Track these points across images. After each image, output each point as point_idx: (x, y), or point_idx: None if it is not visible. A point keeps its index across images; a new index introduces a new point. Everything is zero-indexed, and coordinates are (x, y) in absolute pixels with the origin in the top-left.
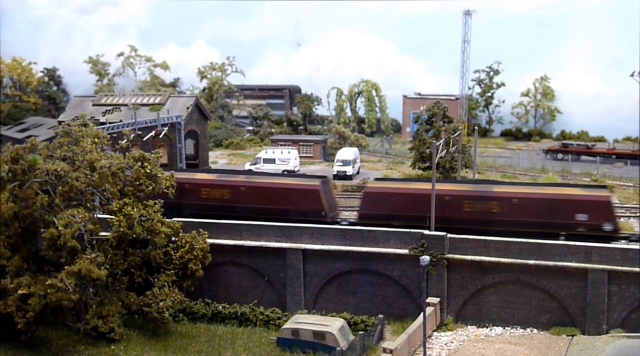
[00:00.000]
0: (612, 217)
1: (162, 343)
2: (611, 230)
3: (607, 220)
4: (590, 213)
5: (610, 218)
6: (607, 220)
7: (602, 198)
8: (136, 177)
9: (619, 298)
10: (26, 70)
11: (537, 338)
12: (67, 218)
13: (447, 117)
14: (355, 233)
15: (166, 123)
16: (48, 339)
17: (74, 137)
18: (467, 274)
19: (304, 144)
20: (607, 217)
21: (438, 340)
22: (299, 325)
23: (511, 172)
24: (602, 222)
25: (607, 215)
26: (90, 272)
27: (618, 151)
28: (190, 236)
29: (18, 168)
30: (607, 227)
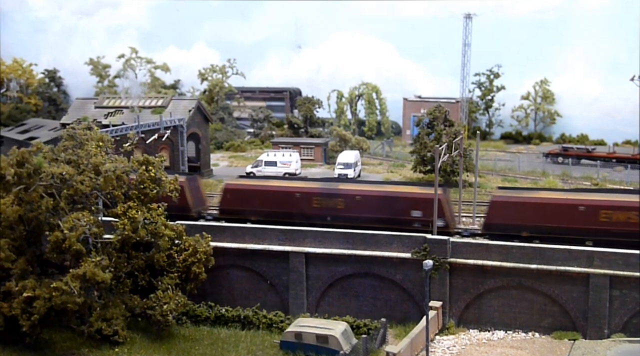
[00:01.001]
0: (443, 213)
1: (165, 346)
2: (443, 225)
3: (439, 216)
4: (424, 210)
5: (442, 215)
6: (439, 216)
7: (438, 197)
8: (140, 180)
9: (621, 302)
10: (27, 72)
11: (538, 342)
12: (72, 222)
13: (449, 121)
14: (358, 237)
15: (169, 126)
16: (52, 342)
17: (78, 141)
18: (469, 278)
19: (305, 147)
20: (439, 213)
21: (440, 344)
22: (302, 328)
23: (512, 176)
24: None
25: (439, 211)
26: (95, 275)
27: (618, 155)
28: (194, 239)
29: (23, 172)
30: (439, 223)
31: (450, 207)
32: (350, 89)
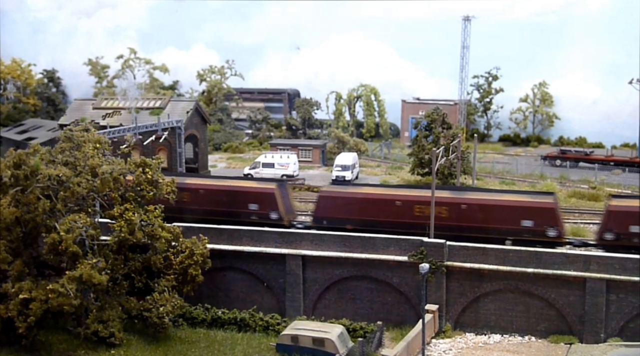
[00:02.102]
0: (276, 207)
1: (162, 348)
2: (276, 218)
3: (272, 209)
4: (260, 204)
5: (275, 208)
6: (272, 209)
7: (269, 190)
8: (137, 182)
9: (617, 307)
10: (25, 72)
11: (535, 346)
12: (69, 224)
13: (447, 123)
14: (355, 240)
15: (166, 127)
16: (49, 343)
17: (75, 142)
18: (466, 281)
19: (303, 149)
20: (273, 206)
21: (437, 347)
22: (298, 331)
23: (510, 178)
24: (268, 211)
25: (273, 205)
26: (91, 277)
27: (616, 158)
28: (191, 241)
29: (20, 174)
30: (273, 216)
31: (286, 200)
32: (348, 91)
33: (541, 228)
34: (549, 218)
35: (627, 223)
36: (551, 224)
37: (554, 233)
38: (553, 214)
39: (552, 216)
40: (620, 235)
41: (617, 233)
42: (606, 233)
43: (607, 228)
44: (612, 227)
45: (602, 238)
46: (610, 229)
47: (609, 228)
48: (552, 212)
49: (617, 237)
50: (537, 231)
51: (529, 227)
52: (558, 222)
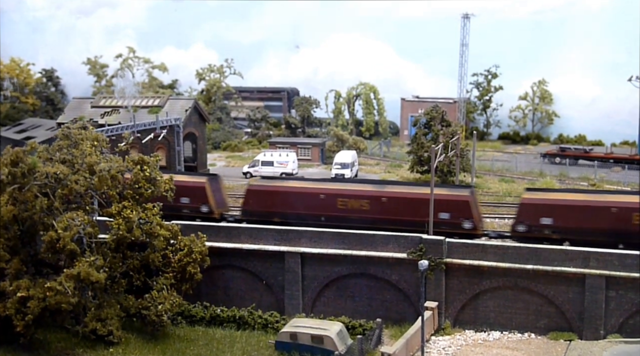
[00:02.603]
0: (206, 200)
1: (160, 346)
2: (207, 212)
3: (203, 202)
4: (191, 197)
5: (205, 202)
6: (203, 202)
7: (200, 184)
8: (135, 180)
9: (617, 303)
10: (24, 71)
11: (534, 343)
12: (67, 221)
13: (446, 121)
14: (354, 237)
15: (165, 125)
16: (47, 342)
17: (73, 140)
18: (465, 278)
19: (302, 147)
20: (203, 200)
21: (436, 345)
22: (297, 328)
23: (509, 176)
24: (200, 204)
25: (204, 198)
26: (89, 275)
27: (616, 155)
28: (189, 239)
29: (18, 171)
30: (203, 209)
31: (217, 194)
32: (348, 89)
33: (457, 220)
34: (464, 211)
35: (538, 215)
36: (466, 216)
37: (469, 225)
38: (468, 207)
39: (467, 209)
40: (532, 226)
41: (529, 225)
42: (519, 225)
43: (520, 220)
44: (524, 219)
45: (515, 230)
46: (522, 221)
47: (521, 220)
48: (467, 205)
49: (529, 229)
50: (453, 223)
51: (445, 219)
52: (473, 214)
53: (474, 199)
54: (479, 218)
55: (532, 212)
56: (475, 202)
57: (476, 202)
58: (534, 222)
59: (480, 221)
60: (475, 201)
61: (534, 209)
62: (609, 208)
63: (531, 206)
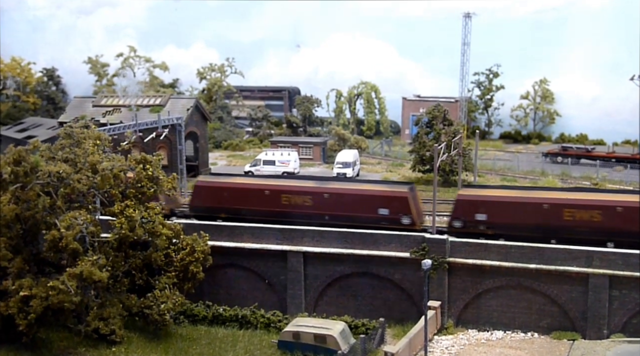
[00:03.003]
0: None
1: (162, 346)
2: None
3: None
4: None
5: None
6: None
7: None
8: (138, 179)
9: (620, 303)
10: (25, 70)
11: (537, 343)
12: (69, 220)
13: (448, 120)
14: (357, 236)
15: (167, 124)
16: (49, 341)
17: (75, 139)
18: (468, 278)
19: (304, 146)
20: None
21: (439, 344)
22: (300, 328)
23: (511, 175)
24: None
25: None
26: (92, 274)
27: (618, 155)
28: (191, 238)
29: (20, 170)
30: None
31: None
32: (349, 88)
33: (396, 216)
34: (403, 207)
35: (473, 212)
36: (405, 212)
37: (408, 221)
38: (406, 203)
39: (405, 204)
40: (467, 222)
41: (464, 221)
42: (455, 221)
43: (456, 216)
44: (460, 215)
45: (452, 226)
46: (458, 217)
47: (457, 216)
48: (405, 201)
49: (464, 225)
50: (392, 219)
51: (385, 215)
52: (411, 210)
53: (413, 195)
54: (417, 214)
55: (467, 208)
56: (414, 198)
57: (416, 198)
58: (469, 217)
59: (419, 217)
60: (415, 197)
61: (469, 205)
62: (540, 205)
63: (466, 202)
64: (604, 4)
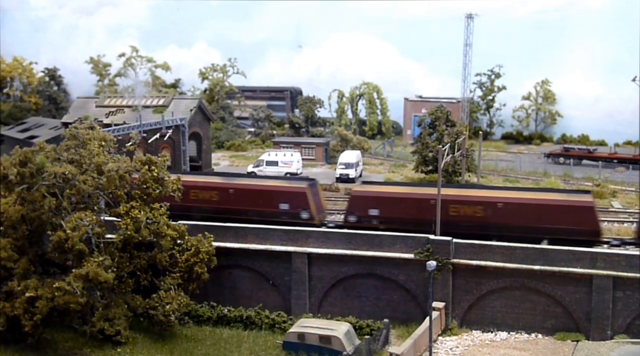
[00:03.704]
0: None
1: (168, 346)
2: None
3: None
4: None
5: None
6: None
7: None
8: (143, 180)
9: (624, 304)
10: (27, 70)
11: (542, 344)
12: (75, 222)
13: (450, 121)
14: (361, 238)
15: (171, 125)
16: (54, 341)
17: (81, 140)
18: (472, 279)
19: (306, 147)
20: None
21: (443, 345)
22: (305, 328)
23: (513, 176)
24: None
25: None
26: (97, 275)
27: (619, 156)
28: (196, 239)
29: (26, 171)
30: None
31: None
32: (351, 89)
33: (296, 210)
34: (302, 202)
35: (366, 207)
36: (303, 207)
37: (306, 215)
38: (304, 198)
39: (304, 200)
40: (361, 217)
41: (358, 216)
42: (350, 216)
43: (350, 211)
44: (355, 210)
45: (347, 220)
46: (353, 212)
47: (352, 212)
48: (304, 196)
49: (358, 219)
50: (292, 213)
51: (286, 210)
52: (310, 205)
53: (313, 191)
54: (317, 209)
55: (361, 204)
56: (314, 194)
57: (316, 194)
58: (363, 213)
59: (319, 212)
60: (315, 193)
61: (362, 201)
62: (428, 200)
63: (360, 198)
64: (605, 5)
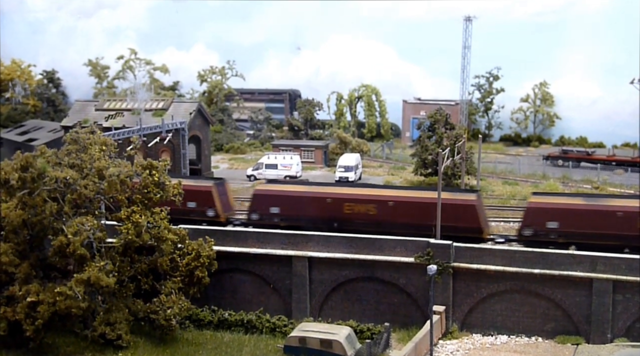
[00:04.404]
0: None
1: (169, 351)
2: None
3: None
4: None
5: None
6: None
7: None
8: (144, 184)
9: (624, 307)
10: (25, 73)
11: (542, 347)
12: (76, 226)
13: (449, 124)
14: (362, 241)
15: (170, 129)
16: (56, 346)
17: (82, 145)
18: (473, 282)
19: (306, 149)
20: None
21: (444, 348)
22: (306, 333)
23: (512, 179)
24: None
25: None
26: (99, 280)
27: (618, 158)
28: (197, 243)
29: (27, 176)
30: None
31: None
32: (349, 91)
33: (203, 208)
34: (208, 201)
35: (268, 205)
36: (209, 205)
37: (212, 214)
38: (211, 197)
39: (210, 198)
40: (262, 215)
41: (260, 214)
42: (252, 214)
43: (253, 209)
44: (257, 208)
45: (250, 218)
46: (255, 210)
47: (254, 209)
48: (210, 195)
49: (260, 217)
50: (200, 211)
51: (193, 208)
52: (215, 203)
53: (220, 190)
54: (223, 207)
55: (263, 202)
56: (220, 193)
57: (223, 193)
58: (265, 210)
59: (226, 210)
60: (223, 192)
61: (264, 199)
62: (324, 199)
63: (262, 197)
64: (603, 7)
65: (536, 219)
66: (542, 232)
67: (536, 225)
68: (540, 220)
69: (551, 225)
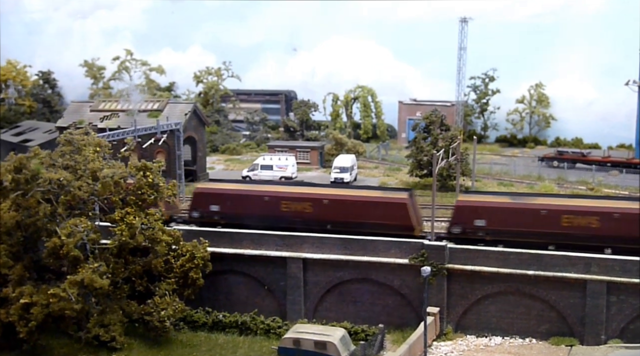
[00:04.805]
0: None
1: (163, 352)
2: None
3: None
4: None
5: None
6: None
7: None
8: (138, 186)
9: (618, 308)
10: (21, 74)
11: (536, 348)
12: (70, 228)
13: (445, 125)
14: (356, 243)
15: (165, 130)
16: (50, 348)
17: (76, 146)
18: (467, 284)
19: (301, 150)
20: None
21: (438, 350)
22: (300, 334)
23: (507, 180)
24: None
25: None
26: (93, 282)
27: (613, 159)
28: (191, 245)
29: (21, 178)
30: None
31: None
32: (345, 92)
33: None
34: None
35: (208, 203)
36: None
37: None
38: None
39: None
40: (204, 213)
41: (201, 212)
42: (193, 212)
43: (194, 207)
44: (197, 207)
45: (191, 216)
46: (196, 208)
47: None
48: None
49: (201, 215)
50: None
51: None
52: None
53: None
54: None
55: (203, 201)
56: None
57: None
58: (205, 209)
59: (168, 208)
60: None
61: (205, 198)
62: (262, 197)
63: (202, 195)
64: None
65: (464, 217)
66: (470, 230)
67: (464, 223)
68: (468, 218)
69: (478, 222)
